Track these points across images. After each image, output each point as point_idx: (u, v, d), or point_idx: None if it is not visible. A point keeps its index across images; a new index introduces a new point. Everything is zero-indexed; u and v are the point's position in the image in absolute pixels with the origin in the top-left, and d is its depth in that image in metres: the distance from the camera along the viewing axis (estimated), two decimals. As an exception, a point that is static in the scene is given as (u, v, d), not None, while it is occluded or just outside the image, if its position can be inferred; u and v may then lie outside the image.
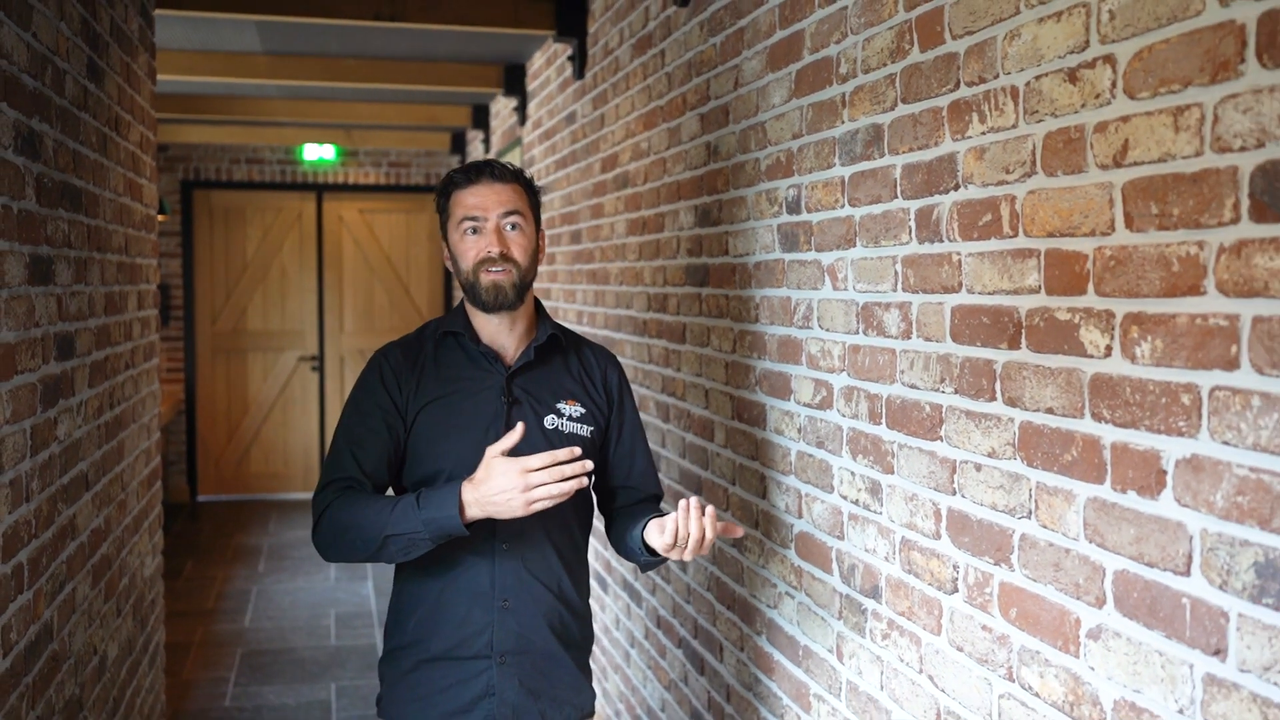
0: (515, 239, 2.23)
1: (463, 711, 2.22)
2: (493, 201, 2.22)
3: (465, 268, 2.23)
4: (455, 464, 2.18)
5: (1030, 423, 1.73)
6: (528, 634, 2.25)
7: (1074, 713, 1.63)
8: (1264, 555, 1.29)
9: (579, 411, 2.30)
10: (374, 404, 2.23)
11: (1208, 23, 1.37)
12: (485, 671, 2.22)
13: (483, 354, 2.27)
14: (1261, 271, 1.29)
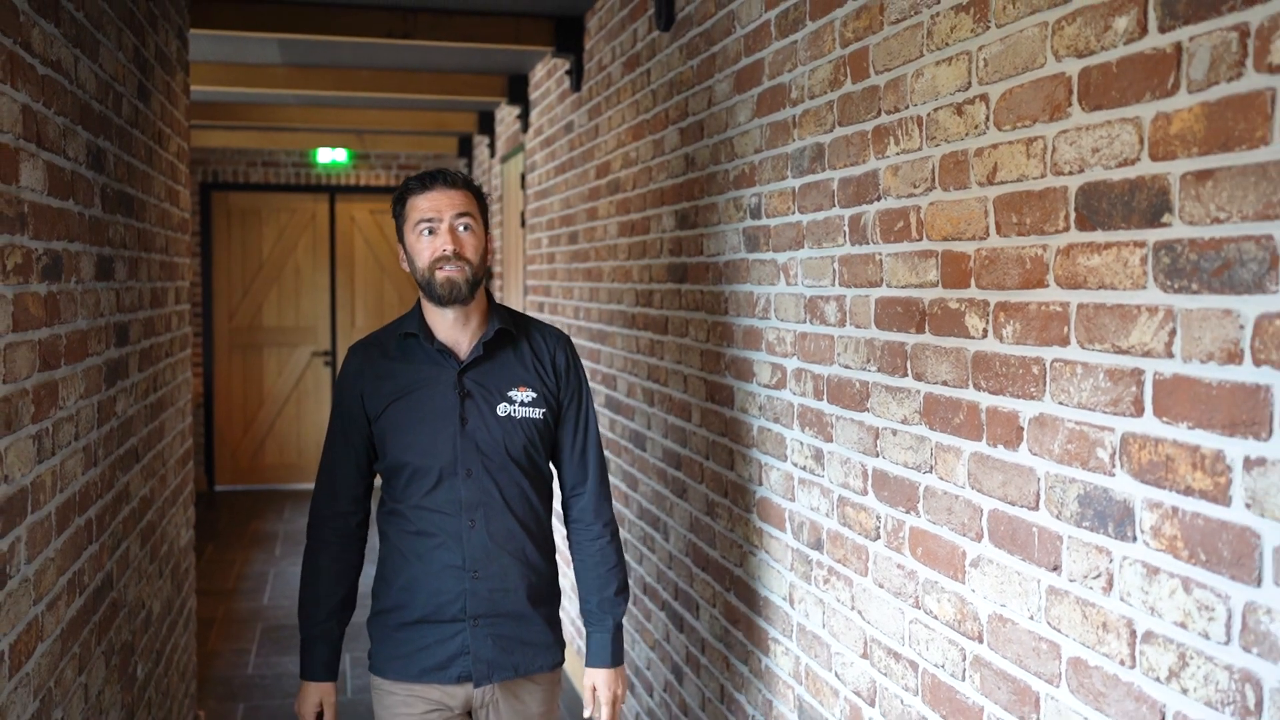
0: (467, 239, 2.44)
1: (441, 667, 2.49)
2: (446, 205, 2.43)
3: (421, 266, 2.44)
4: (417, 455, 2.46)
5: (931, 393, 2.10)
6: (496, 599, 2.49)
7: (961, 628, 2.01)
8: (1084, 489, 1.67)
9: (530, 396, 2.52)
10: (345, 413, 2.53)
11: (1047, 73, 1.74)
12: (460, 633, 2.48)
13: (438, 351, 2.49)
14: (1083, 268, 1.67)
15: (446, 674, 2.49)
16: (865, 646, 2.38)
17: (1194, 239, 1.45)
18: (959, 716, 2.01)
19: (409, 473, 2.48)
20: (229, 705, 4.98)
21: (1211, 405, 1.42)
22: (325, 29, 4.89)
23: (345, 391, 2.54)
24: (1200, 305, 1.44)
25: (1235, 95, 1.38)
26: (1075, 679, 1.69)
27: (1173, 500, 1.49)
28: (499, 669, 2.51)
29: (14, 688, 2.00)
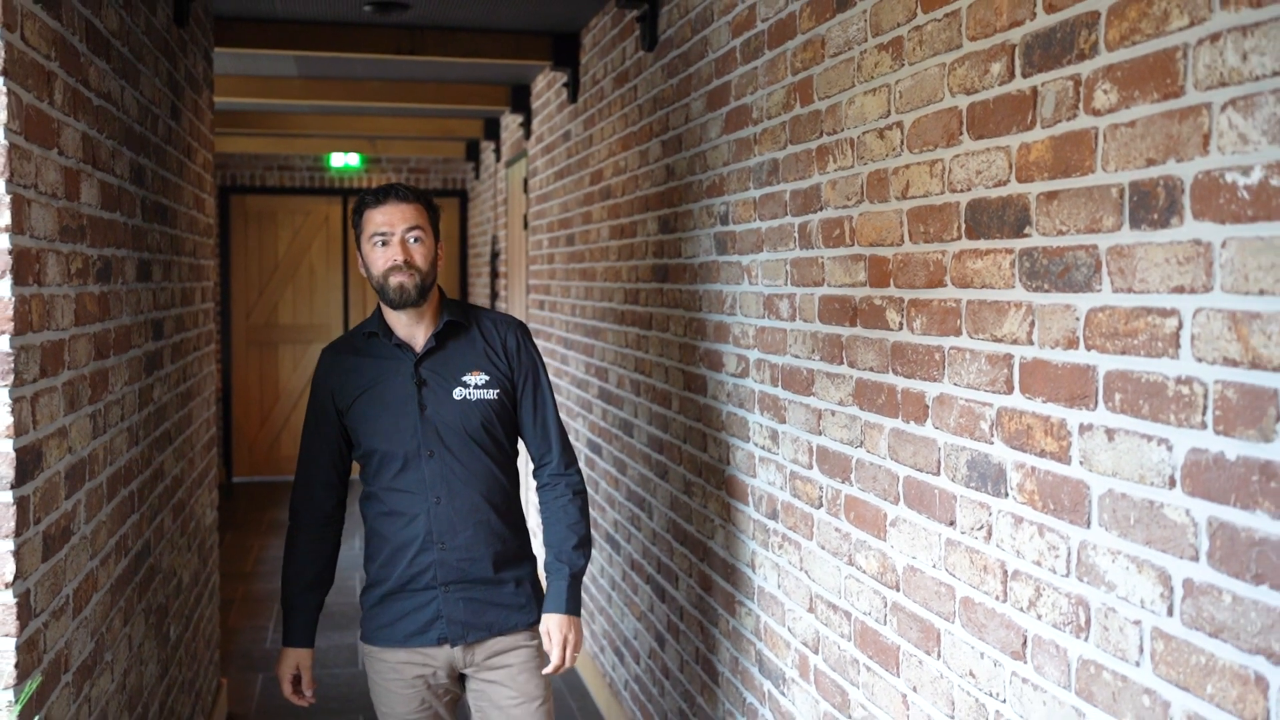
0: (417, 250, 2.67)
1: (420, 632, 2.72)
2: (398, 218, 2.66)
3: (376, 273, 2.68)
4: (383, 441, 2.72)
5: (861, 379, 2.43)
6: (464, 567, 2.72)
7: (883, 579, 2.34)
8: (971, 455, 2.00)
9: (483, 379, 2.75)
10: (317, 408, 2.80)
11: (945, 106, 2.07)
12: (434, 600, 2.71)
13: (396, 346, 2.73)
14: (970, 271, 2.00)
15: (426, 637, 2.72)
16: (811, 602, 2.71)
17: (1046, 247, 1.78)
18: (881, 655, 2.35)
19: (378, 458, 2.73)
20: (249, 675, 5.34)
21: (1058, 383, 1.75)
22: (338, 46, 5.24)
23: (317, 389, 2.80)
24: (1050, 302, 1.77)
25: (1072, 131, 1.71)
26: (965, 615, 2.03)
27: (1032, 461, 1.82)
28: (473, 629, 2.74)
29: (76, 626, 2.35)
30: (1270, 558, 1.34)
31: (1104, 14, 1.63)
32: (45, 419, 2.15)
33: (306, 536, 2.84)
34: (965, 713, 2.03)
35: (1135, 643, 1.58)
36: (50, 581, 2.18)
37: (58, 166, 2.25)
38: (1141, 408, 1.56)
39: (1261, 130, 1.35)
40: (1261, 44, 1.35)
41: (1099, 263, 1.65)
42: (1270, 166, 1.34)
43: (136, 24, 3.06)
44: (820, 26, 2.62)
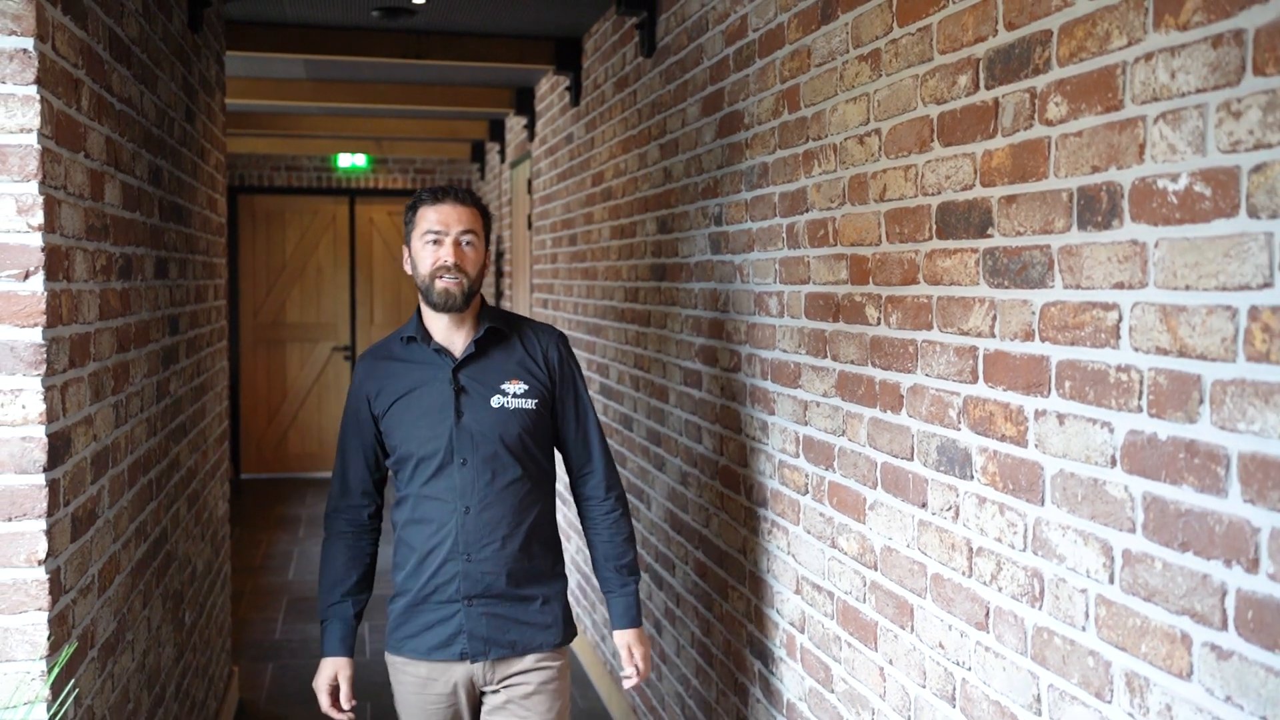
0: (469, 254, 2.63)
1: (443, 645, 2.66)
2: (454, 220, 2.62)
3: (423, 272, 2.63)
4: (418, 446, 2.66)
5: (843, 371, 2.57)
6: (489, 581, 2.65)
7: (862, 560, 2.48)
8: (940, 441, 2.14)
9: (522, 388, 2.70)
10: (354, 415, 2.77)
11: (918, 115, 2.21)
12: (458, 613, 2.65)
13: (435, 352, 2.68)
14: (940, 269, 2.13)
15: (449, 651, 2.67)
16: (797, 584, 2.85)
17: (1005, 247, 1.92)
18: (861, 632, 2.48)
19: (413, 463, 2.67)
20: (260, 664, 5.49)
21: (1016, 372, 1.89)
22: (346, 50, 5.39)
23: (354, 395, 2.77)
24: (1010, 297, 1.91)
25: (1028, 140, 1.84)
26: (935, 590, 2.16)
27: (994, 446, 1.96)
28: (495, 646, 2.67)
29: (101, 605, 2.49)
30: (1194, 527, 1.47)
31: (1056, 32, 1.77)
32: (73, 407, 2.29)
33: (344, 543, 2.78)
34: (935, 682, 2.16)
35: (1081, 609, 1.72)
36: (78, 561, 2.32)
37: (84, 169, 2.39)
38: (1088, 394, 1.69)
39: (1187, 141, 1.48)
40: (1187, 64, 1.48)
41: (1051, 261, 1.79)
42: (1194, 174, 1.47)
43: (154, 31, 3.20)
44: (806, 38, 2.76)
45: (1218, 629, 1.44)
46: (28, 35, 2.02)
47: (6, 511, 2.06)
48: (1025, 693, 1.87)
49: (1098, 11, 1.67)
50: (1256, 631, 1.38)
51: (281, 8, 4.96)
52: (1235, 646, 1.41)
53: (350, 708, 2.75)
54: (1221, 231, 1.43)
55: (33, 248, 2.06)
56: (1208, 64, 1.45)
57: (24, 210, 2.05)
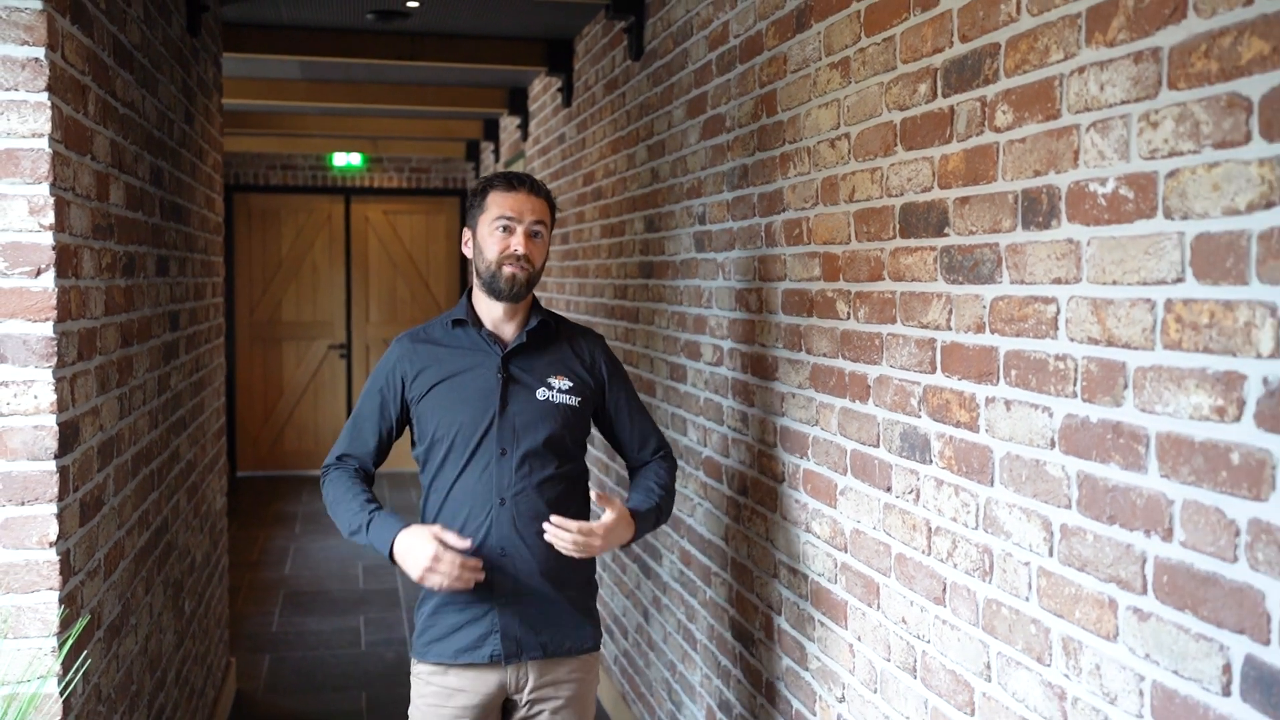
0: (537, 245, 2.63)
1: (473, 647, 2.59)
2: (527, 209, 2.61)
3: (490, 258, 2.59)
4: (460, 430, 2.60)
5: (816, 363, 2.70)
6: (522, 580, 2.59)
7: (834, 543, 2.60)
8: (903, 428, 2.26)
9: (567, 385, 2.68)
10: (379, 388, 2.69)
11: (883, 121, 2.33)
12: (489, 613, 2.59)
13: (484, 339, 2.65)
14: (903, 266, 2.26)
15: (479, 653, 2.59)
16: (775, 568, 2.97)
17: (960, 245, 2.04)
18: (831, 611, 2.61)
19: (445, 449, 2.61)
20: (257, 656, 5.61)
21: (969, 362, 2.01)
22: (341, 52, 5.51)
23: (386, 374, 2.69)
24: (964, 292, 2.03)
25: (979, 145, 1.97)
26: (898, 569, 2.29)
27: (950, 431, 2.08)
28: (528, 648, 2.61)
29: (107, 589, 2.61)
30: (1120, 501, 1.60)
31: (1003, 45, 1.89)
32: (81, 398, 2.41)
33: (346, 475, 2.67)
34: (899, 655, 2.29)
35: (1025, 581, 1.84)
36: (86, 545, 2.45)
37: (91, 171, 2.51)
38: (1030, 381, 1.82)
39: (1114, 148, 1.61)
40: (1114, 77, 1.61)
41: (1000, 259, 1.91)
42: (1120, 179, 1.60)
43: (155, 36, 3.32)
44: (783, 45, 2.88)
45: (1139, 594, 1.57)
46: (39, 45, 2.14)
47: (20, 496, 2.18)
48: (977, 661, 2.00)
49: (1039, 27, 1.79)
50: (1170, 594, 1.51)
51: (278, 10, 5.07)
52: (1153, 609, 1.54)
53: (466, 546, 2.51)
54: (1142, 231, 1.56)
55: (44, 246, 2.18)
56: (1131, 78, 1.58)
57: (36, 211, 2.17)
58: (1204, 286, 1.45)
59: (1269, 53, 1.35)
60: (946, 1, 2.07)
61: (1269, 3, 1.35)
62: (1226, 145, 1.41)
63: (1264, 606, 1.36)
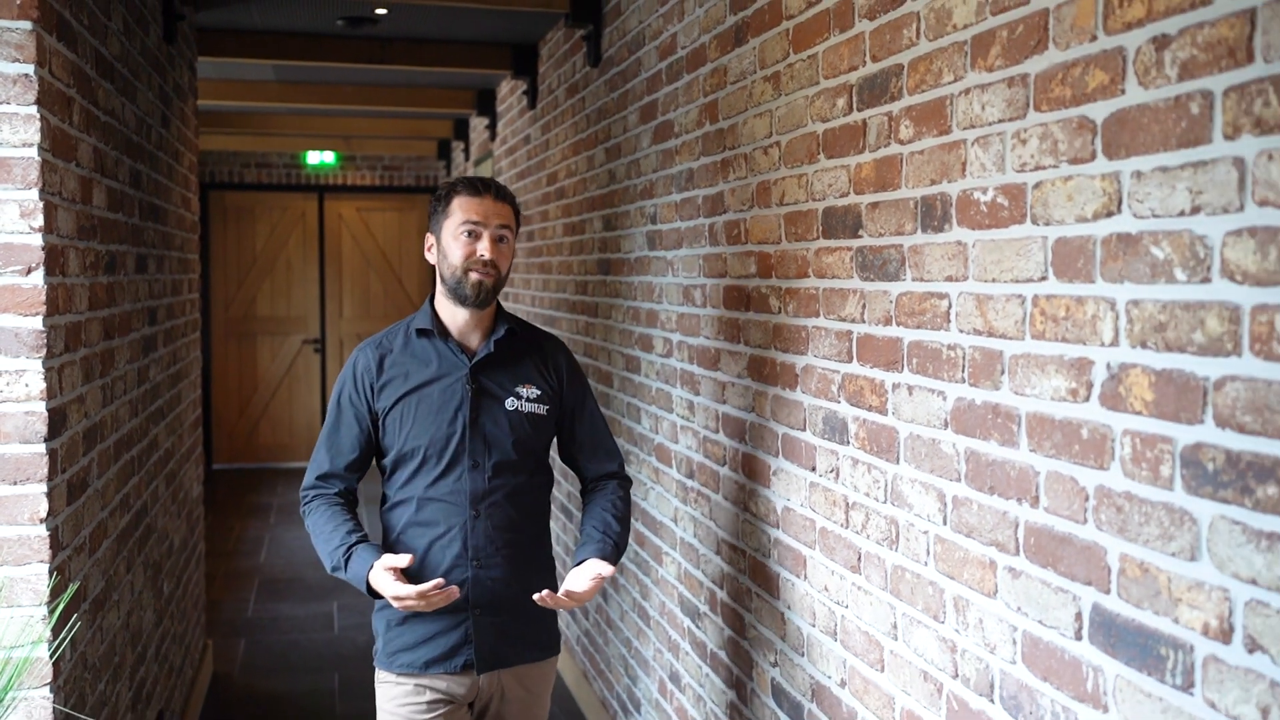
0: (503, 250, 2.59)
1: (446, 658, 2.56)
2: (493, 215, 2.57)
3: (455, 264, 2.55)
4: (426, 443, 2.56)
5: (753, 354, 2.91)
6: (498, 589, 2.57)
7: (768, 521, 2.81)
8: (825, 413, 2.47)
9: (535, 393, 2.65)
10: (349, 399, 2.62)
11: (808, 131, 2.54)
12: (464, 622, 2.55)
13: (451, 349, 2.60)
14: (825, 264, 2.47)
15: (452, 663, 2.56)
16: (718, 545, 3.19)
17: (871, 246, 2.25)
18: (767, 583, 2.82)
19: (416, 463, 2.57)
20: (233, 639, 5.79)
21: (879, 352, 2.23)
22: (313, 55, 5.68)
23: (351, 384, 2.62)
24: (875, 289, 2.24)
25: (887, 156, 2.18)
26: (822, 542, 2.51)
27: (864, 415, 2.30)
28: (501, 659, 2.61)
29: (92, 564, 2.80)
30: (998, 473, 1.82)
31: (906, 66, 2.10)
32: (68, 387, 2.60)
33: (327, 504, 2.61)
34: (822, 620, 2.50)
35: (924, 548, 2.06)
36: (73, 523, 2.63)
37: (75, 176, 2.70)
38: (928, 369, 2.04)
39: (993, 161, 1.82)
40: (992, 99, 1.82)
41: (903, 258, 2.13)
42: (998, 189, 1.81)
43: (133, 46, 3.50)
44: (724, 58, 3.09)
45: (1013, 554, 1.79)
46: (29, 62, 2.33)
47: (12, 476, 2.37)
48: (885, 622, 2.21)
49: (934, 51, 2.00)
50: (1036, 554, 1.73)
51: (251, 16, 5.25)
52: (1024, 567, 1.76)
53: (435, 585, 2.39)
54: (1014, 235, 1.77)
55: (34, 247, 2.37)
56: (1005, 100, 1.79)
57: (26, 214, 2.36)
58: (1061, 284, 1.67)
59: (1108, 82, 1.56)
60: (860, 24, 2.29)
61: (1108, 40, 1.56)
62: (1077, 161, 1.63)
63: (1106, 561, 1.58)
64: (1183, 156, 1.43)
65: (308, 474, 2.66)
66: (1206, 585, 1.40)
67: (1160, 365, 1.47)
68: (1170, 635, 1.46)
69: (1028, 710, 1.76)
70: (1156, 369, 1.48)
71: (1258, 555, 1.32)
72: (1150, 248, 1.49)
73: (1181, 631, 1.44)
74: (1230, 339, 1.36)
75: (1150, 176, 1.49)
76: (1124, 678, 1.55)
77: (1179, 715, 1.45)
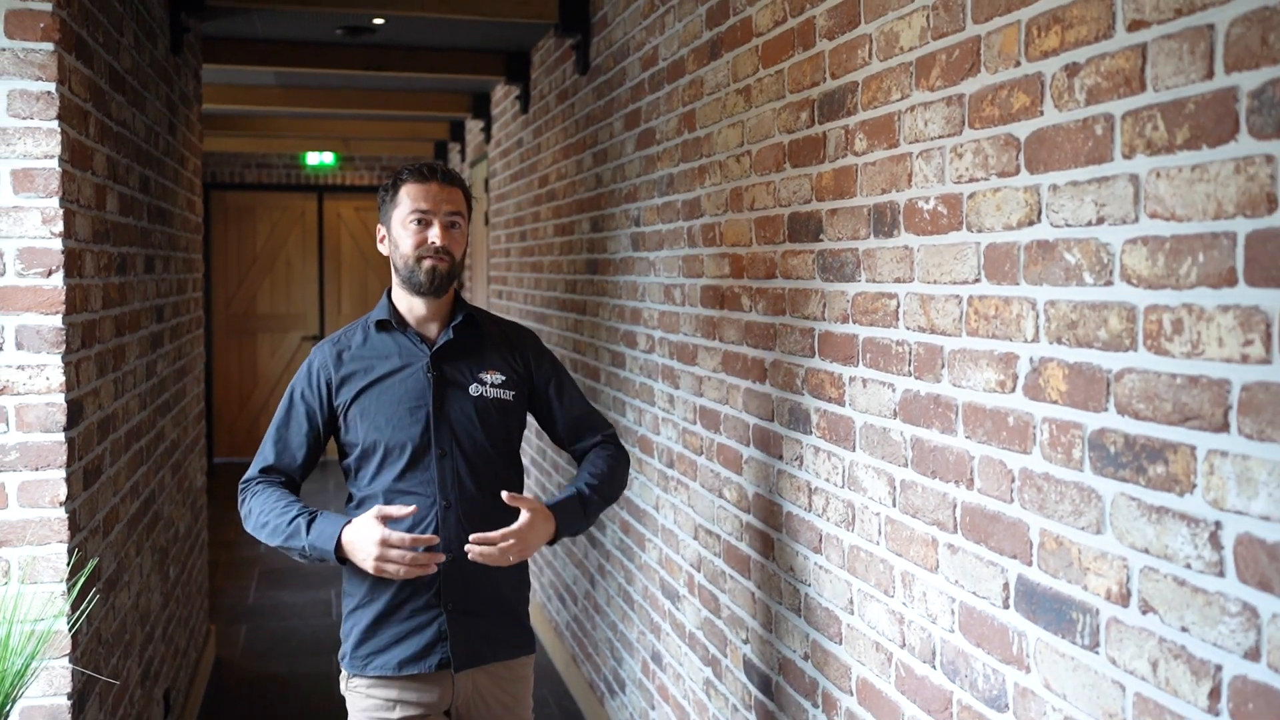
0: (455, 236, 2.53)
1: (419, 658, 2.49)
2: (442, 200, 2.51)
3: (407, 253, 2.50)
4: (391, 435, 2.50)
5: (726, 350, 3.09)
6: (472, 584, 2.50)
7: (740, 505, 3.00)
8: (790, 405, 2.65)
9: (500, 379, 2.59)
10: (301, 396, 2.57)
11: (776, 141, 2.72)
12: (437, 619, 2.49)
13: (409, 339, 2.56)
14: (790, 266, 2.65)
15: (426, 663, 2.49)
16: (695, 531, 3.37)
17: (831, 249, 2.43)
18: (740, 566, 3.00)
19: (379, 457, 2.51)
20: (235, 625, 5.97)
21: (838, 348, 2.41)
22: (313, 63, 5.86)
23: (307, 383, 2.57)
24: (833, 289, 2.42)
25: (844, 166, 2.36)
26: (788, 525, 2.69)
27: (824, 406, 2.48)
28: (477, 655, 2.54)
29: (105, 545, 2.98)
30: (939, 459, 2.00)
31: (860, 84, 2.28)
32: (85, 380, 2.78)
33: (269, 487, 2.54)
34: (788, 599, 2.68)
35: (876, 528, 2.24)
36: (88, 507, 2.81)
37: (91, 184, 2.87)
38: (880, 363, 2.22)
39: (934, 174, 2.00)
40: (934, 116, 2.00)
41: (859, 261, 2.31)
42: (938, 198, 1.99)
43: (143, 59, 3.68)
44: (700, 70, 3.27)
45: (951, 532, 1.97)
46: (51, 80, 2.51)
47: (34, 462, 2.55)
48: (843, 598, 2.39)
49: (884, 71, 2.18)
50: (970, 531, 1.91)
51: (253, 26, 5.42)
52: (960, 544, 1.94)
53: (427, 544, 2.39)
54: (953, 241, 1.95)
55: (54, 250, 2.55)
56: (944, 117, 1.97)
57: (48, 220, 2.53)
58: (992, 286, 1.85)
59: (1029, 104, 1.74)
60: (821, 43, 2.46)
61: (1029, 66, 1.74)
62: (1005, 175, 1.81)
63: (1028, 536, 1.76)
64: (1090, 172, 1.61)
65: (251, 468, 2.58)
66: (1109, 555, 1.58)
67: (1072, 359, 1.65)
68: (1080, 601, 1.64)
69: (963, 674, 1.95)
70: (1069, 362, 1.66)
71: (1149, 527, 1.50)
72: (1064, 254, 1.67)
73: (1089, 597, 1.62)
74: (1128, 335, 1.54)
75: (1064, 190, 1.67)
76: (1043, 641, 1.73)
77: (1087, 672, 1.63)
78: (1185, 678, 1.43)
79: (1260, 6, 1.30)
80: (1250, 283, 1.32)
